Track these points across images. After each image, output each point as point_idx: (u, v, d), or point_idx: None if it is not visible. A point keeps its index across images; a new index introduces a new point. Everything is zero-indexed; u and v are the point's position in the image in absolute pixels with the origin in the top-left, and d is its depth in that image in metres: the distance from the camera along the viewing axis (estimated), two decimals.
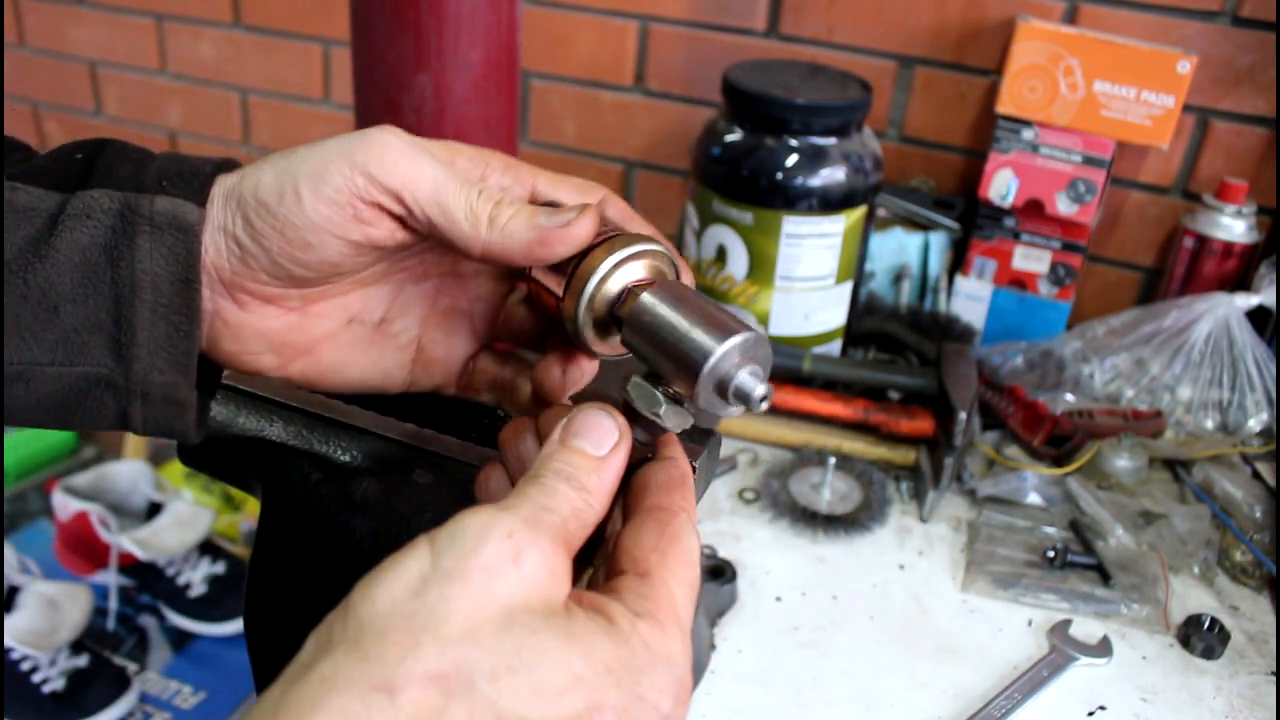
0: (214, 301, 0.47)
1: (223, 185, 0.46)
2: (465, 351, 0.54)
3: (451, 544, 0.37)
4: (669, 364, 0.44)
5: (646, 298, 0.45)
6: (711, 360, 0.43)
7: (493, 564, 0.37)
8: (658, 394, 0.45)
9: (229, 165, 0.47)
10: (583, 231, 0.46)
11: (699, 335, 0.43)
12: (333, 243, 0.45)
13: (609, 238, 0.47)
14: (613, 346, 0.49)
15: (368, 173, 0.44)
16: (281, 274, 0.46)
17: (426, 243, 0.48)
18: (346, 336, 0.51)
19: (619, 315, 0.47)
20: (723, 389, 0.44)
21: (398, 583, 0.36)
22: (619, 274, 0.47)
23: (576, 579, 0.42)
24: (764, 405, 0.44)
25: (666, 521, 0.43)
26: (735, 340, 0.43)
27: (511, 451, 0.48)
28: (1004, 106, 1.20)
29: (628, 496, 0.45)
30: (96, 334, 0.45)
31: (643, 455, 0.46)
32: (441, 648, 0.35)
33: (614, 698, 0.37)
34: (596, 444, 0.43)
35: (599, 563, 0.45)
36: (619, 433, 0.44)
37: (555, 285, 0.48)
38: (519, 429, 0.48)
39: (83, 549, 1.76)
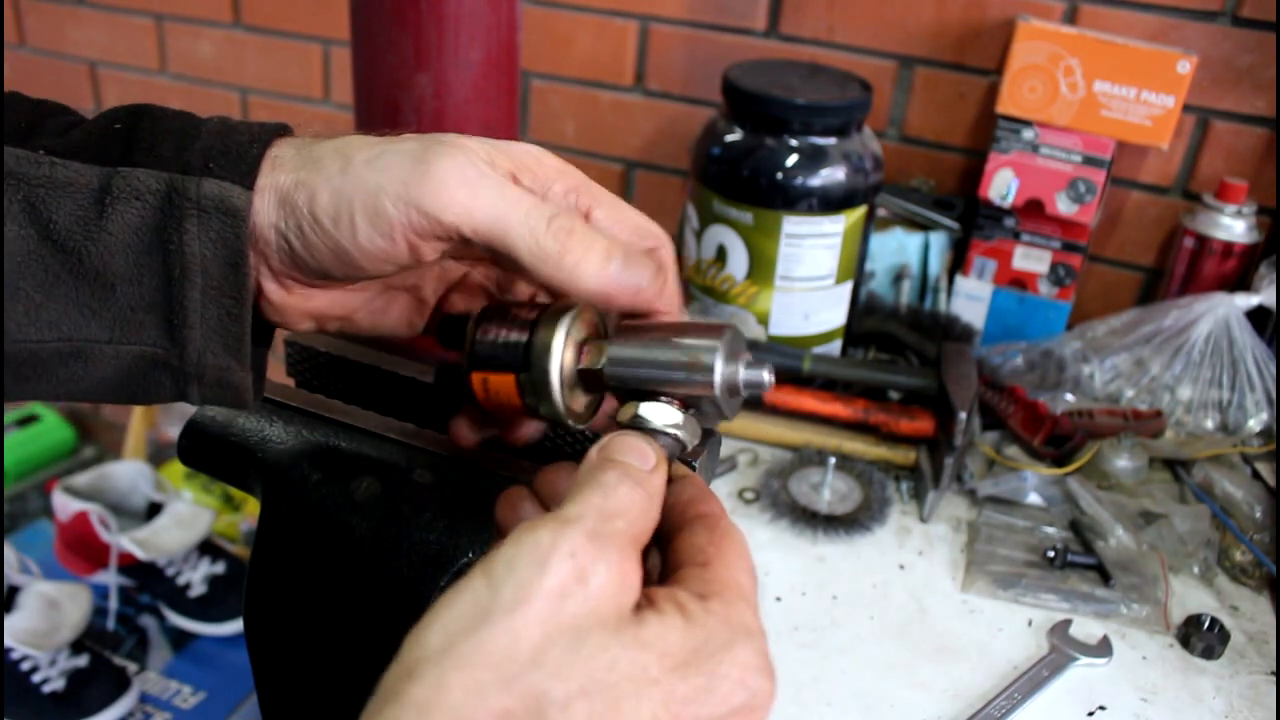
0: (260, 283, 0.46)
1: (275, 178, 0.44)
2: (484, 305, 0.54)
3: (510, 572, 0.35)
4: (687, 381, 0.45)
5: (615, 349, 0.46)
6: (718, 376, 0.45)
7: (558, 588, 0.35)
8: (670, 408, 0.46)
9: (278, 132, 0.46)
10: (649, 293, 0.45)
11: (688, 358, 0.45)
12: (384, 265, 0.45)
13: (542, 312, 0.47)
14: (589, 409, 0.50)
15: (423, 209, 0.42)
16: (330, 276, 0.46)
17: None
18: (380, 302, 0.52)
19: (590, 375, 0.47)
20: (734, 390, 0.46)
21: (452, 619, 0.34)
22: (570, 345, 0.47)
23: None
24: (771, 383, 0.46)
25: (713, 524, 0.42)
26: (721, 346, 0.45)
27: (510, 524, 0.46)
28: (1004, 106, 1.20)
29: (665, 519, 0.43)
30: (152, 314, 0.44)
31: None
32: (507, 685, 0.33)
33: (693, 686, 0.36)
34: (641, 460, 0.42)
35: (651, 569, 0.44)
36: (656, 453, 0.42)
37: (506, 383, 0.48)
38: (515, 499, 0.46)
39: (83, 549, 1.76)
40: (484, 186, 0.43)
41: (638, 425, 0.46)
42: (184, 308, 0.44)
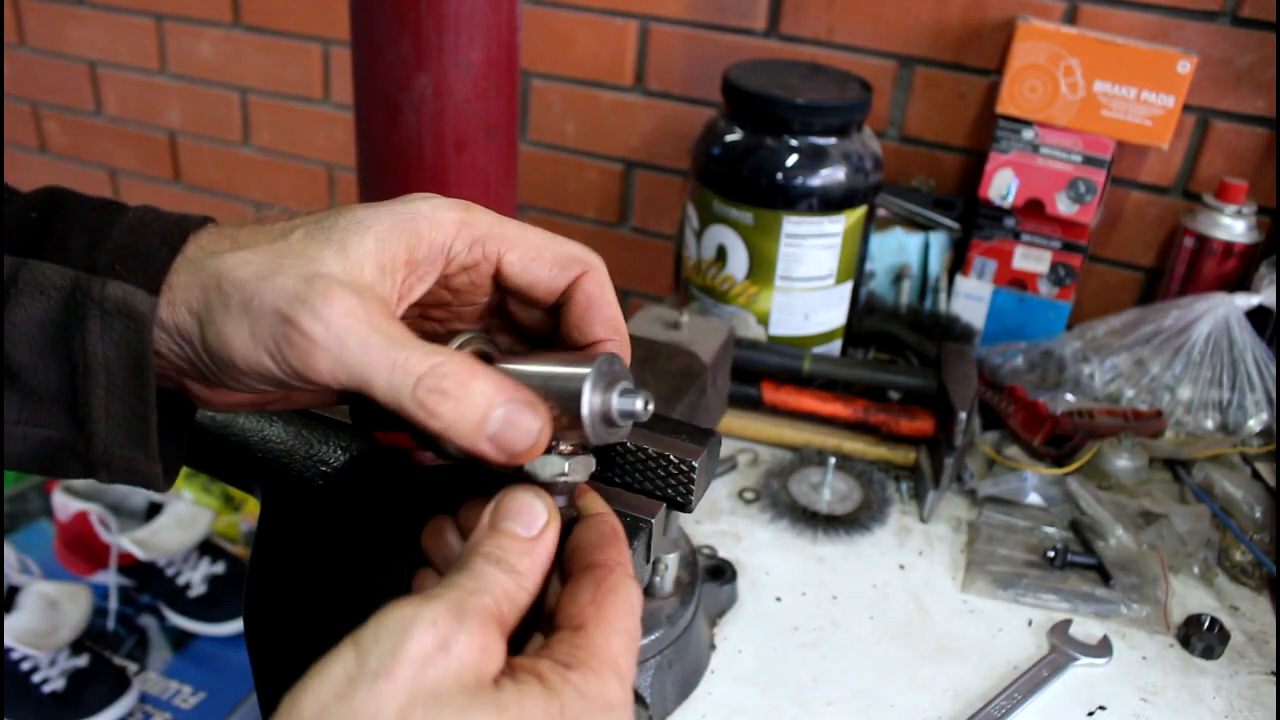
0: (181, 380, 0.46)
1: (172, 296, 0.43)
2: None
3: (376, 642, 0.36)
4: (562, 412, 0.45)
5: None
6: (585, 409, 0.44)
7: (420, 654, 0.36)
8: (554, 458, 0.45)
9: (194, 228, 0.45)
10: (529, 456, 0.44)
11: (558, 387, 0.44)
12: (282, 391, 0.45)
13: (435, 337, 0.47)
14: None
15: (292, 368, 0.42)
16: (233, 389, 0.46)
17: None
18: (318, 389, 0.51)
19: None
20: (609, 420, 0.45)
21: (324, 688, 0.36)
22: None
23: (521, 650, 0.42)
24: (650, 412, 0.45)
25: (602, 578, 0.43)
26: (590, 374, 0.44)
27: (436, 552, 0.47)
28: (1004, 106, 1.20)
29: (563, 562, 0.45)
30: (58, 403, 0.44)
31: (570, 516, 0.47)
32: None
33: None
34: (527, 525, 0.42)
35: (543, 630, 0.45)
36: (548, 512, 0.43)
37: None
38: (438, 528, 0.47)
39: (83, 549, 1.77)
40: (346, 350, 0.41)
41: (527, 477, 0.45)
42: (89, 403, 0.44)
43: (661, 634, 0.76)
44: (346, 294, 0.41)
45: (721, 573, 0.89)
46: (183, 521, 1.74)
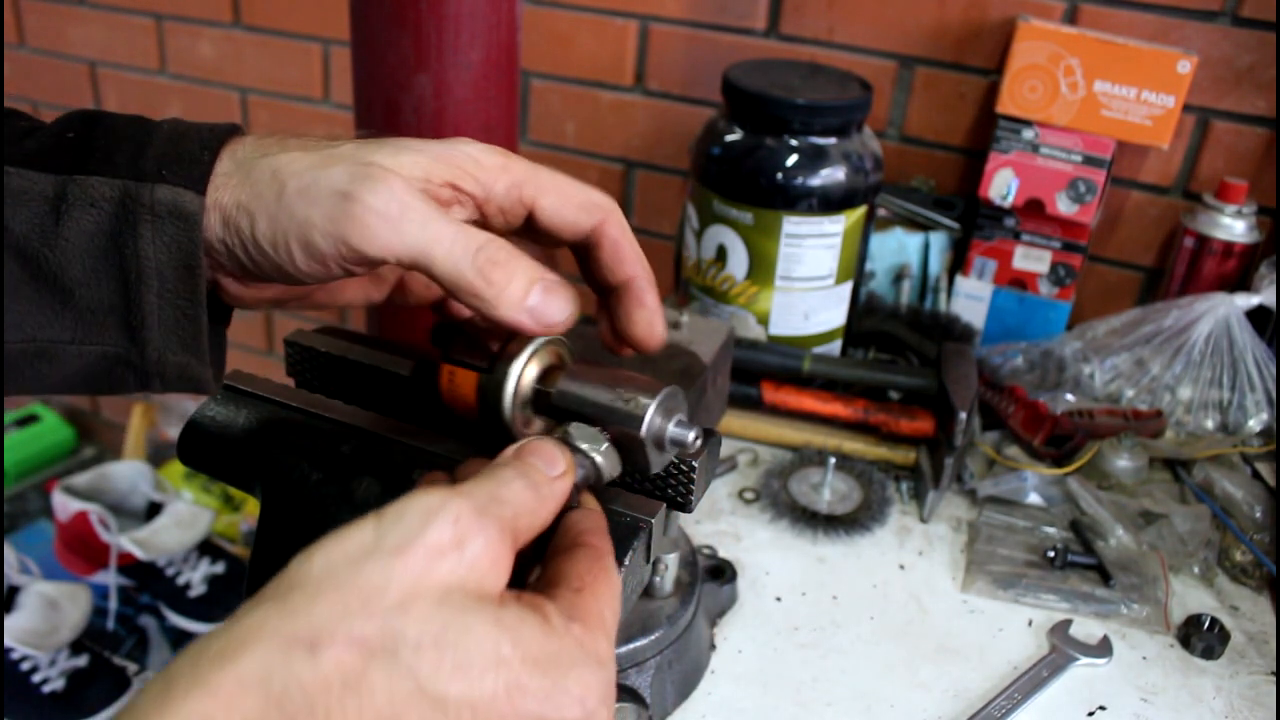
0: (217, 277, 0.49)
1: (218, 196, 0.45)
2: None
3: (398, 522, 0.37)
4: (619, 424, 0.49)
5: (564, 382, 0.50)
6: (645, 428, 0.48)
7: (436, 545, 0.37)
8: (598, 434, 0.49)
9: (229, 134, 0.47)
10: (565, 322, 0.48)
11: (622, 407, 0.49)
12: (325, 280, 0.47)
13: (509, 341, 0.51)
14: (534, 432, 0.53)
15: (349, 245, 0.44)
16: (277, 281, 0.48)
17: None
18: (335, 283, 0.54)
19: (542, 397, 0.51)
20: (659, 443, 0.49)
21: (337, 551, 0.37)
22: (533, 364, 0.51)
23: (522, 582, 0.43)
24: (697, 445, 0.50)
25: (597, 557, 0.44)
26: (655, 402, 0.49)
27: None
28: (1004, 106, 1.20)
29: (556, 537, 0.45)
30: (111, 316, 0.46)
31: (570, 505, 0.49)
32: (370, 615, 0.35)
33: (537, 684, 0.37)
34: (548, 464, 0.44)
35: (531, 582, 0.45)
36: (566, 462, 0.45)
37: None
38: (432, 481, 0.47)
39: (83, 549, 1.76)
40: (408, 221, 0.44)
41: (563, 439, 0.48)
42: (141, 310, 0.46)
43: (661, 634, 0.76)
44: (400, 183, 0.44)
45: (721, 573, 0.89)
46: (183, 521, 1.74)
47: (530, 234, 0.53)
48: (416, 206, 0.44)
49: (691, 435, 0.49)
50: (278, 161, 0.45)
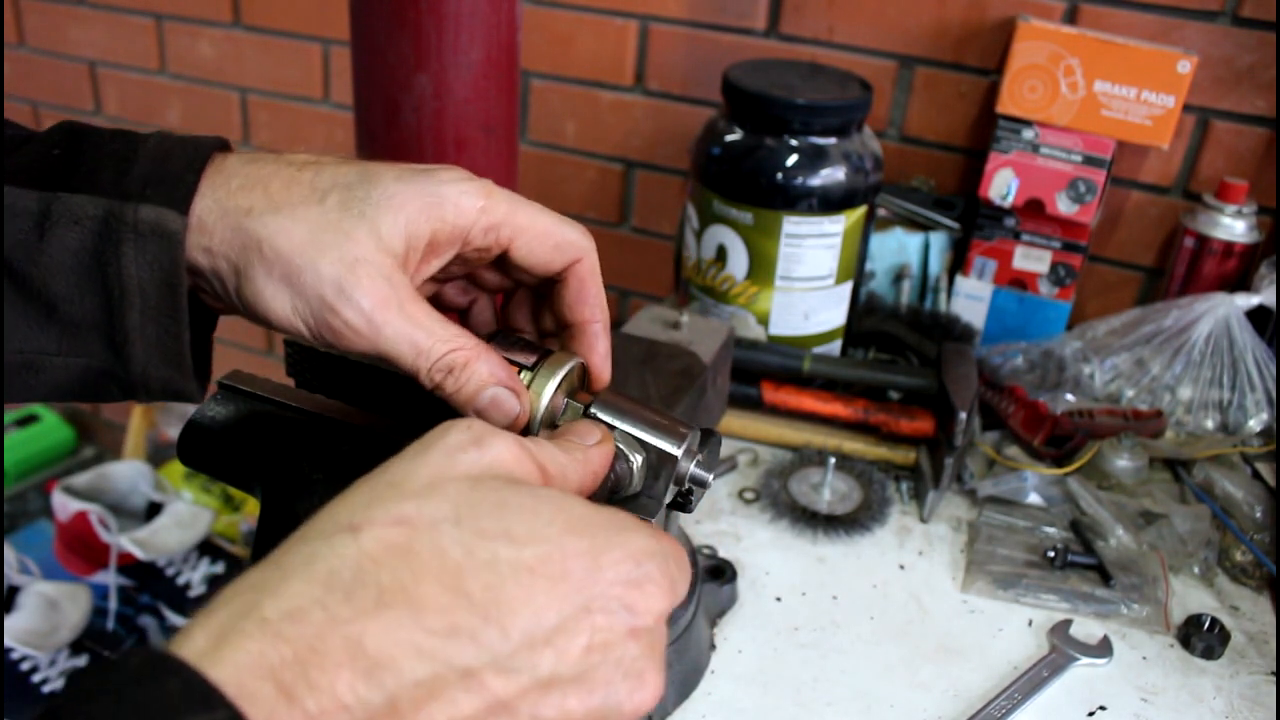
0: (199, 285, 0.49)
1: (201, 239, 0.47)
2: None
3: (419, 445, 0.40)
4: (647, 456, 0.52)
5: (598, 407, 0.52)
6: (677, 458, 0.51)
7: (454, 444, 0.39)
8: (639, 447, 0.51)
9: (214, 149, 0.48)
10: (512, 423, 0.50)
11: (661, 435, 0.51)
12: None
13: (545, 356, 0.53)
14: None
15: (326, 340, 0.47)
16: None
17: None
18: None
19: (574, 411, 0.53)
20: (680, 480, 0.53)
21: (367, 483, 0.38)
22: (563, 387, 0.53)
23: None
24: (712, 483, 0.54)
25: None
26: (683, 445, 0.51)
27: None
28: (1004, 106, 1.20)
29: None
30: (95, 331, 0.47)
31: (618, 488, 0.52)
32: (403, 496, 0.36)
33: (586, 543, 0.37)
34: (582, 435, 0.46)
35: None
36: (602, 432, 0.47)
37: None
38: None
39: (83, 549, 1.76)
40: (385, 327, 0.46)
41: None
42: (124, 327, 0.47)
43: None
44: (382, 283, 0.46)
45: (721, 573, 0.89)
46: (183, 521, 1.74)
47: (503, 269, 0.54)
48: (390, 322, 0.46)
49: (709, 477, 0.53)
50: (265, 229, 0.46)
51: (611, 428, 0.52)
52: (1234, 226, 1.19)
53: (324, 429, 0.57)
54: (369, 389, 0.59)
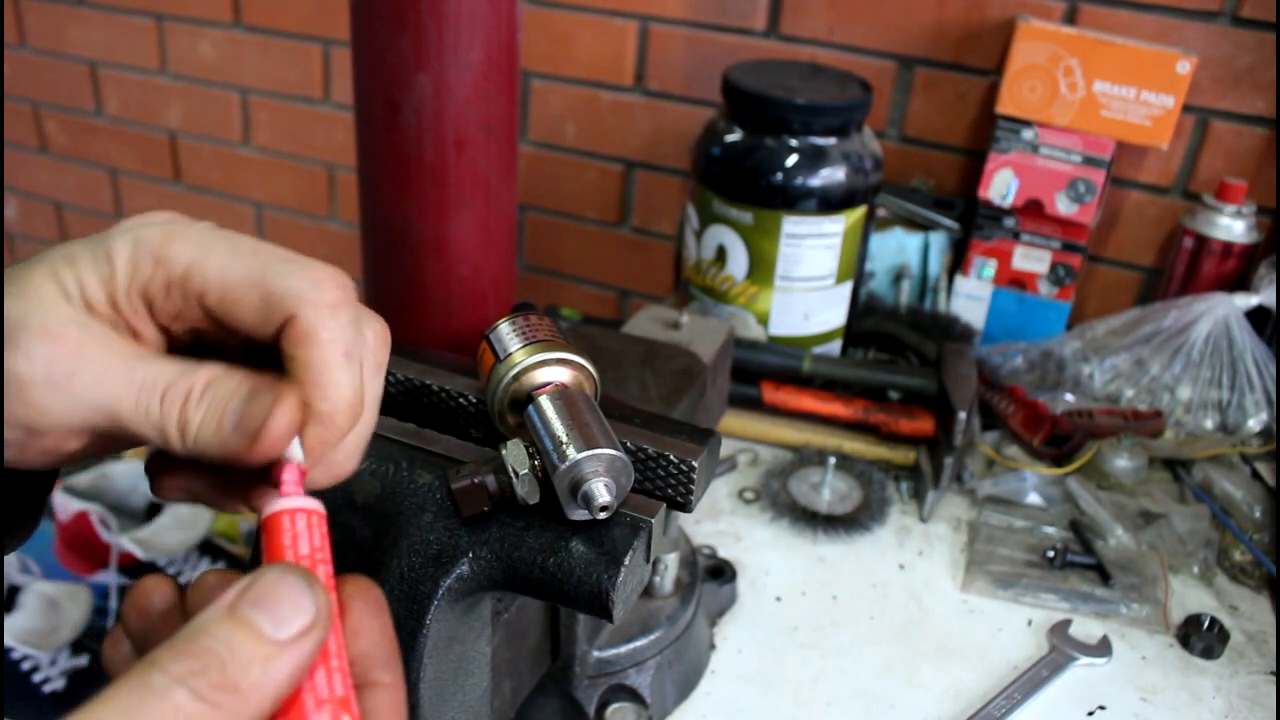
0: None
1: None
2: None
3: None
4: (548, 455, 0.50)
5: (544, 399, 0.52)
6: (569, 461, 0.49)
7: None
8: (528, 458, 0.50)
9: None
10: (271, 447, 0.36)
11: (573, 438, 0.49)
12: (37, 461, 0.38)
13: (543, 342, 0.54)
14: (512, 429, 0.55)
15: (21, 424, 0.35)
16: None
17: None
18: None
19: (519, 401, 0.54)
20: (575, 488, 0.49)
21: None
22: (543, 371, 0.53)
23: None
24: (602, 515, 0.50)
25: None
26: (597, 451, 0.49)
27: (114, 661, 0.37)
28: (1004, 106, 1.20)
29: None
30: None
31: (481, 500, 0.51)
32: None
33: None
34: (280, 619, 0.30)
35: None
36: (315, 613, 0.31)
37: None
38: (115, 640, 0.36)
39: (83, 549, 1.76)
40: (79, 380, 0.35)
41: (498, 453, 0.51)
42: None
43: (661, 634, 0.76)
44: (65, 326, 0.35)
45: (721, 573, 0.89)
46: (183, 521, 1.74)
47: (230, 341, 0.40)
48: (85, 351, 0.35)
49: (602, 499, 0.49)
50: None
51: (520, 425, 0.53)
52: (1233, 227, 1.19)
53: None
54: None
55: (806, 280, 1.11)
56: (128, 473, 1.82)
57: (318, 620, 0.31)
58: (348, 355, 0.37)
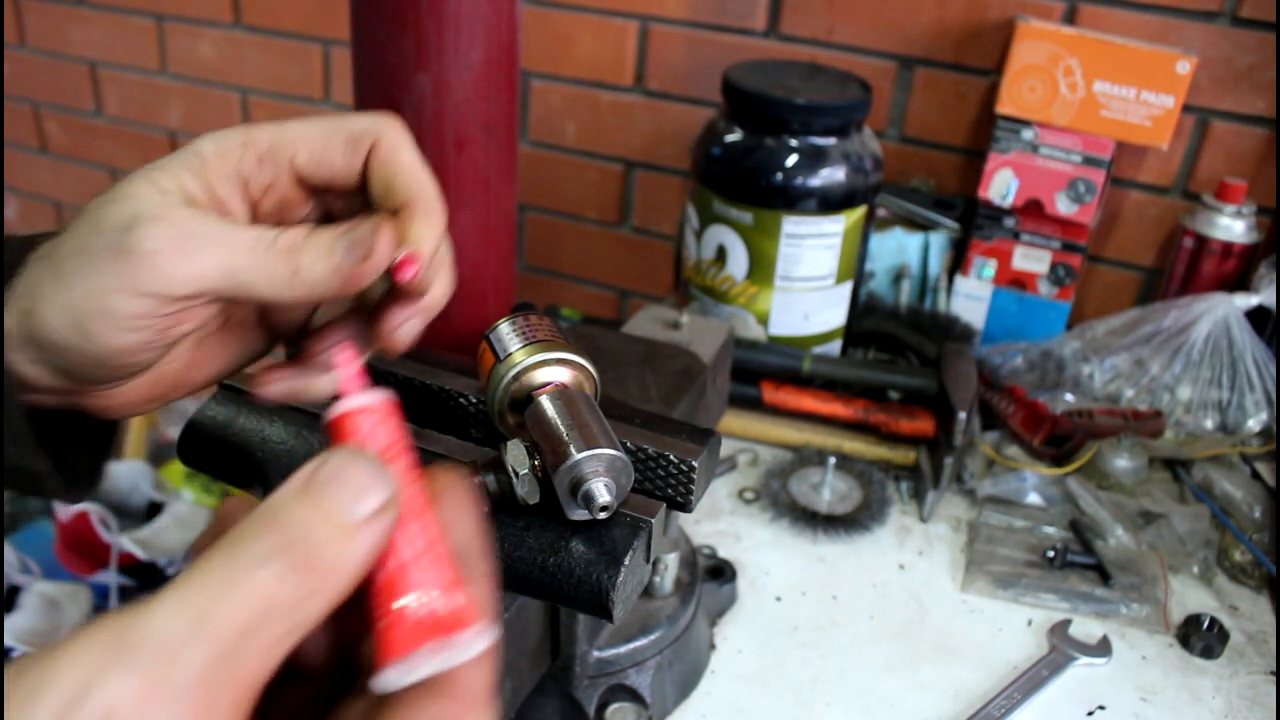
0: (76, 401, 0.44)
1: (12, 319, 0.41)
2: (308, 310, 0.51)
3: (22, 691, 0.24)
4: (549, 454, 0.50)
5: (544, 399, 0.52)
6: (569, 461, 0.48)
7: (56, 707, 0.24)
8: (528, 458, 0.50)
9: (27, 248, 0.43)
10: (382, 259, 0.42)
11: (573, 437, 0.49)
12: (149, 352, 0.42)
13: (543, 342, 0.54)
14: (512, 429, 0.55)
15: (152, 293, 0.39)
16: (113, 378, 0.44)
17: None
18: (201, 351, 0.48)
19: (520, 401, 0.53)
20: (575, 488, 0.49)
21: None
22: (543, 371, 0.53)
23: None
24: (602, 515, 0.49)
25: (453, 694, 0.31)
26: (598, 451, 0.49)
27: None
28: (1004, 106, 1.20)
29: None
30: None
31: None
32: None
33: None
34: (351, 499, 0.30)
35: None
36: (389, 493, 0.30)
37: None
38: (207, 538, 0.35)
39: (83, 549, 1.76)
40: (198, 246, 0.40)
41: (498, 454, 0.51)
42: None
43: (661, 634, 0.76)
44: (174, 210, 0.40)
45: (721, 573, 0.89)
46: (183, 521, 1.74)
47: (319, 202, 0.47)
48: (197, 229, 0.40)
49: (602, 499, 0.49)
50: (50, 258, 0.41)
51: (520, 425, 0.52)
52: (1233, 227, 1.19)
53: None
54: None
55: (806, 280, 1.11)
56: (128, 473, 1.82)
57: (391, 500, 0.30)
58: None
